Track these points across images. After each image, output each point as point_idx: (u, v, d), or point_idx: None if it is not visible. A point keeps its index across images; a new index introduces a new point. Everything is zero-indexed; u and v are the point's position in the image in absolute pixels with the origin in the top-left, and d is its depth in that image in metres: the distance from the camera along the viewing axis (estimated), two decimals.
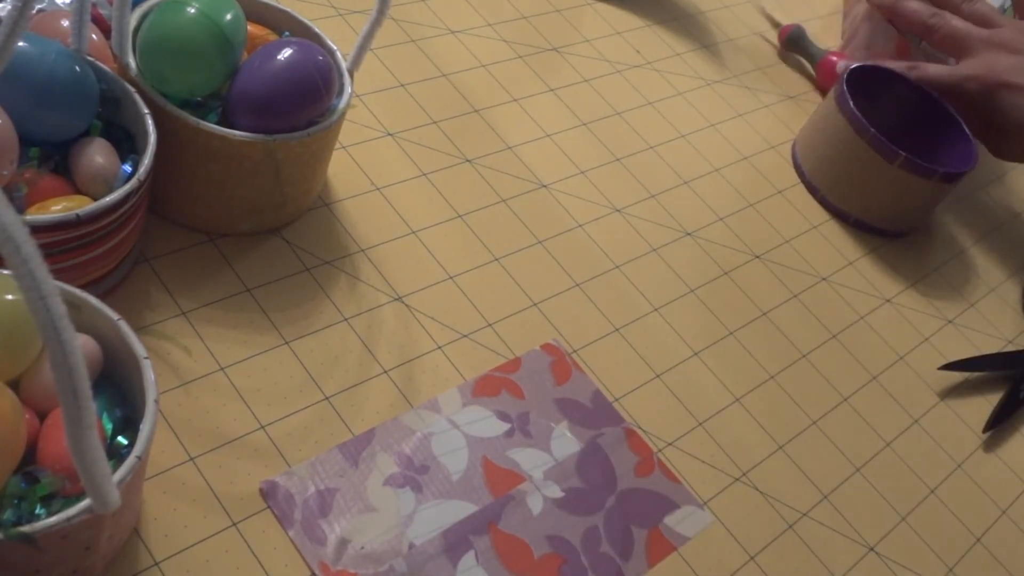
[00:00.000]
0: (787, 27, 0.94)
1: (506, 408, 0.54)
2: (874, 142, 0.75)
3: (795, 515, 0.58)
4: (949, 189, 0.77)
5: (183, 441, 0.47)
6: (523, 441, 0.53)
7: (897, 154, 0.74)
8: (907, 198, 0.77)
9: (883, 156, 0.75)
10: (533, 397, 0.55)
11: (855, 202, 0.78)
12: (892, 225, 0.79)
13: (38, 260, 0.27)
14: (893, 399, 0.68)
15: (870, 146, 0.75)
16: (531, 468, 0.52)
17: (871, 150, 0.75)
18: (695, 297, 0.67)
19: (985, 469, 0.66)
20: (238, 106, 0.52)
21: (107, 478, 0.34)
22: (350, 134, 0.65)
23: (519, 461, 0.52)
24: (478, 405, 0.54)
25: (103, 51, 0.52)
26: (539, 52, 0.81)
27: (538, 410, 0.55)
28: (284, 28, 0.58)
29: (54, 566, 0.38)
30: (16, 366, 0.40)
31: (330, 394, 0.52)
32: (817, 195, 0.80)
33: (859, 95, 0.78)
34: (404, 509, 0.48)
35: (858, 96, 0.78)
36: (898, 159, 0.74)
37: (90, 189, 0.47)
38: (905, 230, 0.81)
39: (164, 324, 0.51)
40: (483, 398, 0.54)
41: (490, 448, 0.52)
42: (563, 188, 0.70)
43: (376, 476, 0.49)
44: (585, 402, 0.56)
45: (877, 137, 0.74)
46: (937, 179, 0.75)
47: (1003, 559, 0.61)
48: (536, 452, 0.53)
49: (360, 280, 0.58)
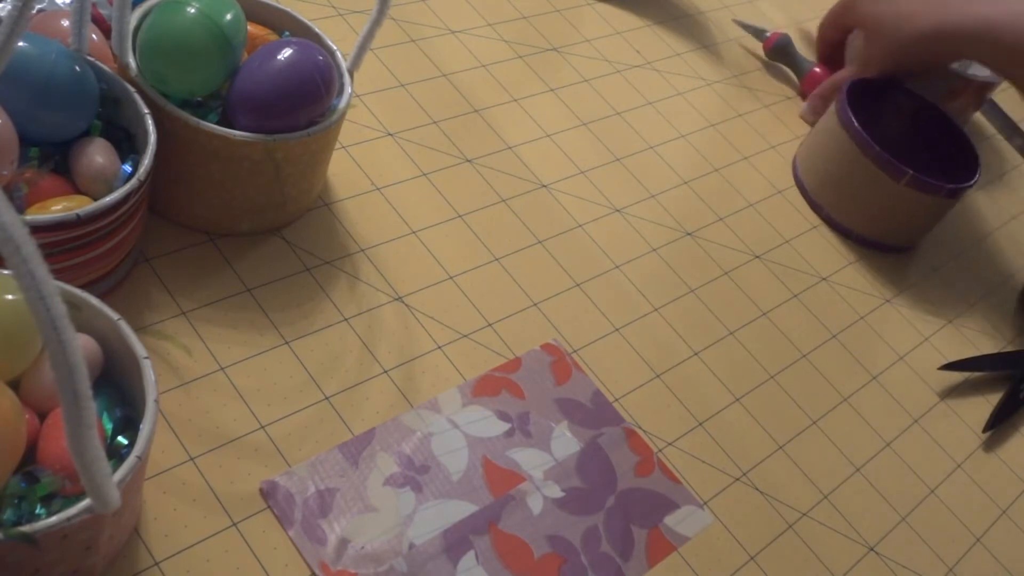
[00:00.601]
0: (774, 36, 0.92)
1: (506, 408, 0.54)
2: (879, 160, 0.73)
3: (795, 515, 0.58)
4: (953, 203, 0.77)
5: (183, 441, 0.47)
6: (523, 441, 0.53)
7: (903, 172, 0.73)
8: (912, 215, 0.77)
9: (889, 174, 0.73)
10: (533, 397, 0.55)
11: (859, 220, 0.77)
12: (896, 241, 0.79)
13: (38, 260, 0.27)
14: (893, 399, 0.68)
15: (875, 164, 0.74)
16: (531, 468, 0.52)
17: (876, 168, 0.74)
18: (695, 297, 0.67)
19: (985, 469, 0.66)
20: (238, 106, 0.52)
21: (107, 478, 0.34)
22: (350, 134, 0.65)
23: (519, 461, 0.52)
24: (478, 405, 0.54)
25: (103, 51, 0.52)
26: (539, 52, 0.81)
27: (538, 410, 0.55)
28: (284, 28, 0.58)
29: (54, 566, 0.38)
30: (16, 366, 0.40)
31: (330, 394, 0.52)
32: (821, 213, 0.78)
33: (858, 108, 0.77)
34: (404, 509, 0.48)
35: (857, 109, 0.76)
36: (904, 177, 0.73)
37: (90, 189, 0.47)
38: (909, 245, 0.80)
39: (164, 324, 0.51)
40: (483, 398, 0.54)
41: (490, 448, 0.52)
42: (563, 188, 0.70)
43: (376, 476, 0.49)
44: (585, 402, 0.56)
45: (882, 155, 0.73)
46: (943, 195, 0.75)
47: (1003, 559, 0.61)
48: (536, 452, 0.53)
49: (360, 280, 0.58)
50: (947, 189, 0.74)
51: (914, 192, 0.74)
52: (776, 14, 1.01)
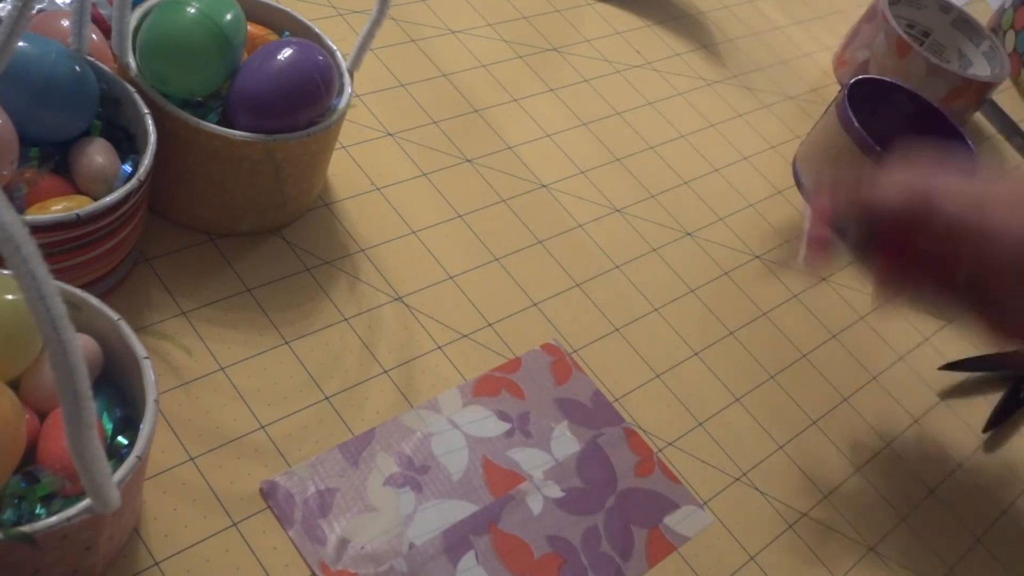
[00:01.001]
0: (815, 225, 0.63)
1: (506, 408, 0.54)
2: (880, 160, 0.73)
3: (795, 515, 0.58)
4: None
5: (183, 441, 0.47)
6: (523, 441, 0.53)
7: None
8: None
9: None
10: (533, 397, 0.55)
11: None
12: None
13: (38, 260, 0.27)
14: (893, 399, 0.68)
15: (876, 165, 0.73)
16: (531, 468, 0.52)
17: (876, 169, 0.73)
18: (695, 297, 0.67)
19: (985, 469, 0.66)
20: (238, 106, 0.52)
21: (107, 478, 0.34)
22: (350, 134, 0.65)
23: (519, 461, 0.52)
24: (478, 405, 0.54)
25: (103, 51, 0.52)
26: (539, 52, 0.81)
27: (538, 410, 0.55)
28: (284, 28, 0.58)
29: (54, 566, 0.38)
30: (16, 366, 0.40)
31: (330, 394, 0.52)
32: None
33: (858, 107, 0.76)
34: (404, 509, 0.48)
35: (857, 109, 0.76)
36: None
37: (90, 189, 0.47)
38: None
39: (164, 324, 0.51)
40: (483, 398, 0.54)
41: (490, 448, 0.52)
42: (563, 188, 0.70)
43: (376, 476, 0.49)
44: (585, 402, 0.56)
45: (883, 156, 0.73)
46: None
47: (1003, 559, 0.61)
48: (536, 452, 0.53)
49: (360, 280, 0.58)
50: None
51: None
52: (776, 14, 1.01)
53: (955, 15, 0.96)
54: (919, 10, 0.96)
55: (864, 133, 0.74)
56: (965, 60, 0.95)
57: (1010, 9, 1.09)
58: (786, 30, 0.99)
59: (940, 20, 0.96)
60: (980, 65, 0.93)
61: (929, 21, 0.97)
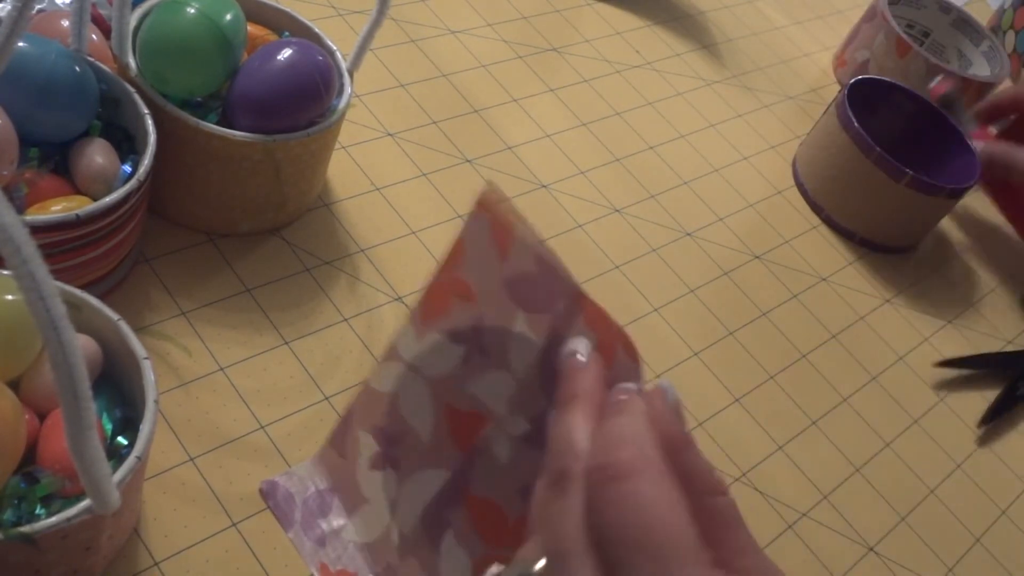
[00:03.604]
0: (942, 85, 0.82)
1: (457, 323, 0.47)
2: (880, 161, 0.73)
3: (795, 515, 0.58)
4: (954, 204, 0.77)
5: (183, 441, 0.47)
6: (481, 364, 0.46)
7: (904, 172, 0.73)
8: (913, 216, 0.77)
9: (889, 175, 0.73)
10: (482, 292, 0.46)
11: (860, 222, 0.77)
12: (897, 242, 0.79)
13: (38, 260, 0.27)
14: (893, 399, 0.68)
15: (876, 165, 0.74)
16: (493, 401, 0.46)
17: (877, 169, 0.74)
18: (695, 297, 0.67)
19: (984, 469, 0.66)
20: (238, 106, 0.52)
21: (107, 478, 0.34)
22: (350, 134, 0.65)
23: (479, 394, 0.46)
24: (431, 332, 0.47)
25: (103, 51, 0.52)
26: (539, 52, 0.81)
27: (490, 308, 0.46)
28: (284, 28, 0.58)
29: (54, 566, 0.38)
30: (16, 366, 0.40)
31: (330, 394, 0.52)
32: (822, 214, 0.78)
33: (858, 108, 0.77)
34: (389, 492, 0.47)
35: (857, 109, 0.76)
36: (905, 178, 0.73)
37: (90, 189, 0.47)
38: (909, 246, 0.80)
39: (164, 324, 0.51)
40: (434, 321, 0.47)
41: (449, 389, 0.47)
42: (563, 188, 0.70)
43: (363, 462, 0.48)
44: (529, 268, 0.45)
45: (883, 156, 0.73)
46: (944, 196, 0.75)
47: (1003, 559, 0.61)
48: (496, 376, 0.47)
49: (360, 280, 0.58)
50: (947, 190, 0.74)
51: (914, 193, 0.74)
52: (776, 14, 1.01)
53: (955, 15, 0.96)
54: (919, 10, 0.96)
55: (864, 133, 0.74)
56: (965, 60, 0.95)
57: (1010, 9, 1.09)
58: (786, 30, 0.99)
59: (940, 20, 0.96)
60: (980, 65, 0.93)
61: (929, 21, 0.97)
